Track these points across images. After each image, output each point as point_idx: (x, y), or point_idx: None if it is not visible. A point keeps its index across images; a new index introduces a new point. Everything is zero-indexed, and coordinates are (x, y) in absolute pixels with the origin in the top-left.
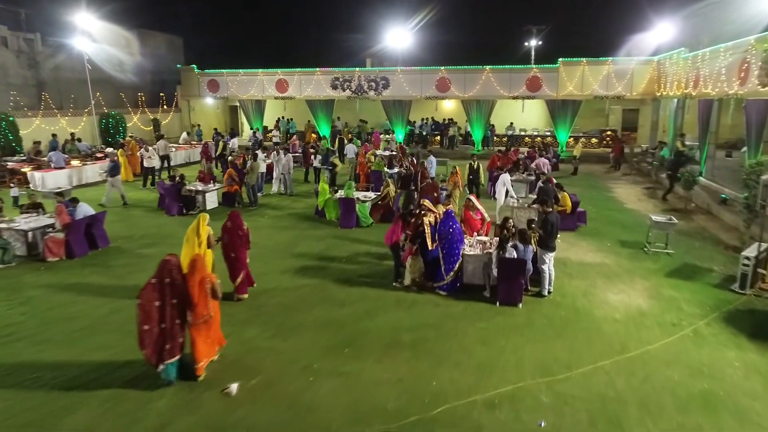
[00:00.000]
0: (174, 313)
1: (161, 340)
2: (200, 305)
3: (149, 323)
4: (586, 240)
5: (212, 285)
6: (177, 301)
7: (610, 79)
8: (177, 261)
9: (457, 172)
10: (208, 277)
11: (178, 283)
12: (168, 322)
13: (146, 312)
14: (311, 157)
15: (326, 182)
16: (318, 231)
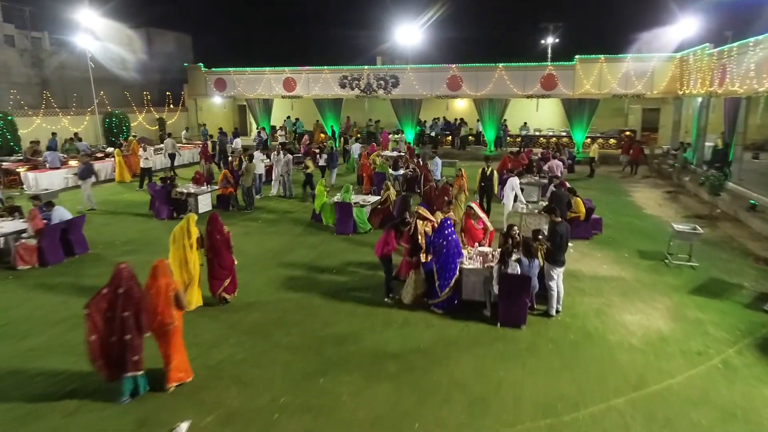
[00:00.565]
0: (126, 325)
1: (113, 354)
2: (163, 314)
3: (96, 334)
4: (602, 250)
5: (176, 293)
6: (130, 314)
7: (630, 76)
8: (130, 270)
9: (462, 175)
10: (172, 284)
11: (132, 293)
12: (117, 334)
13: (94, 322)
14: (316, 158)
15: (323, 185)
16: (312, 237)
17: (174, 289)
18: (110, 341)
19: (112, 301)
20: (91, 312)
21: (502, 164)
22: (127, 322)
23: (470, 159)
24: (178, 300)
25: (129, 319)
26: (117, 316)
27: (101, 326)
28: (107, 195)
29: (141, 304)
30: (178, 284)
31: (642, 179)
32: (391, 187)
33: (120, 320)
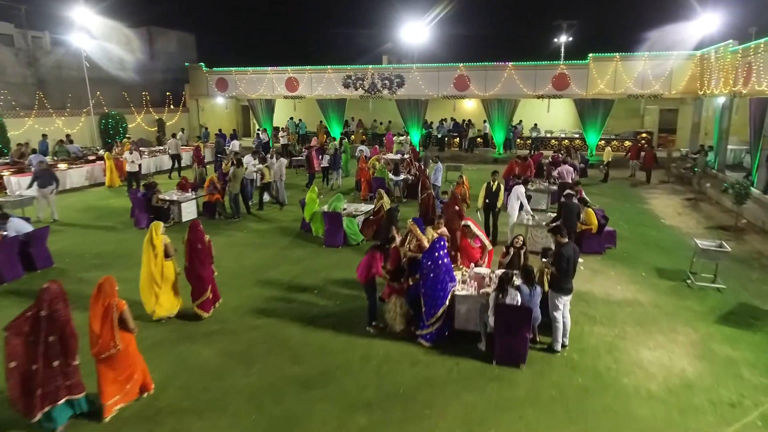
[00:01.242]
0: (51, 352)
1: (34, 383)
2: (104, 336)
3: (16, 360)
4: (616, 267)
5: (120, 313)
6: (56, 338)
7: (646, 76)
8: (59, 290)
9: (463, 182)
10: (116, 303)
11: (57, 316)
12: (41, 361)
13: (13, 347)
14: (317, 161)
15: (316, 192)
16: (298, 250)
17: (119, 310)
18: (32, 369)
19: (35, 325)
20: (9, 336)
21: (509, 170)
22: (52, 347)
23: (478, 162)
24: (123, 322)
25: (55, 345)
26: (41, 341)
27: (22, 352)
28: (93, 200)
29: (67, 328)
30: (123, 304)
31: (659, 184)
32: (385, 195)
33: (45, 345)
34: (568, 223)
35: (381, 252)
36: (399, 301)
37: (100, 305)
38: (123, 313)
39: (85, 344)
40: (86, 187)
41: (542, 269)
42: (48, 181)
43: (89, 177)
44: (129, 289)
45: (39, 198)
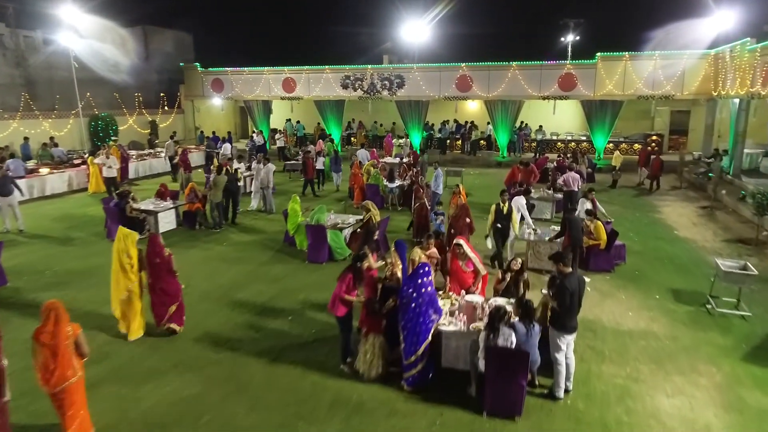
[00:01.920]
0: None
1: None
2: (63, 367)
3: None
4: (626, 288)
5: (75, 338)
6: None
7: (657, 76)
8: None
9: (460, 192)
10: (72, 329)
11: None
12: None
13: None
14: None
15: (299, 202)
16: (278, 267)
17: (74, 335)
18: None
19: None
20: None
21: (510, 176)
22: None
23: (481, 165)
24: (78, 346)
25: None
26: None
27: None
28: (71, 208)
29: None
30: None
31: (671, 191)
32: (373, 207)
33: None
34: (574, 238)
35: (354, 275)
36: (376, 341)
37: (56, 332)
38: (78, 336)
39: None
40: (68, 194)
41: (545, 302)
42: (7, 189)
43: (72, 183)
44: (82, 314)
45: (3, 207)
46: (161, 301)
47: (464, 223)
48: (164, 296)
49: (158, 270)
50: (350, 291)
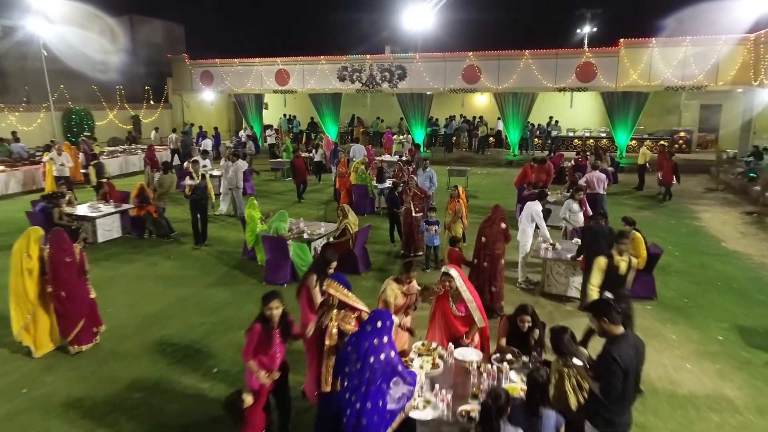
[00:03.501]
0: None
1: None
2: None
3: None
4: (675, 323)
5: None
6: None
7: (688, 64)
8: None
9: (459, 195)
10: None
11: None
12: None
13: None
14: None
15: (257, 207)
16: (226, 290)
17: None
18: None
19: None
20: None
21: (522, 176)
22: None
23: (489, 164)
24: None
25: None
26: None
27: None
28: (13, 211)
29: None
30: None
31: (706, 194)
32: (350, 213)
33: None
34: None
35: (261, 323)
36: None
37: None
38: None
39: None
40: (21, 194)
41: (558, 369)
42: None
43: (29, 182)
44: None
45: None
46: (68, 311)
47: (499, 229)
48: (71, 306)
49: (67, 273)
50: (247, 348)
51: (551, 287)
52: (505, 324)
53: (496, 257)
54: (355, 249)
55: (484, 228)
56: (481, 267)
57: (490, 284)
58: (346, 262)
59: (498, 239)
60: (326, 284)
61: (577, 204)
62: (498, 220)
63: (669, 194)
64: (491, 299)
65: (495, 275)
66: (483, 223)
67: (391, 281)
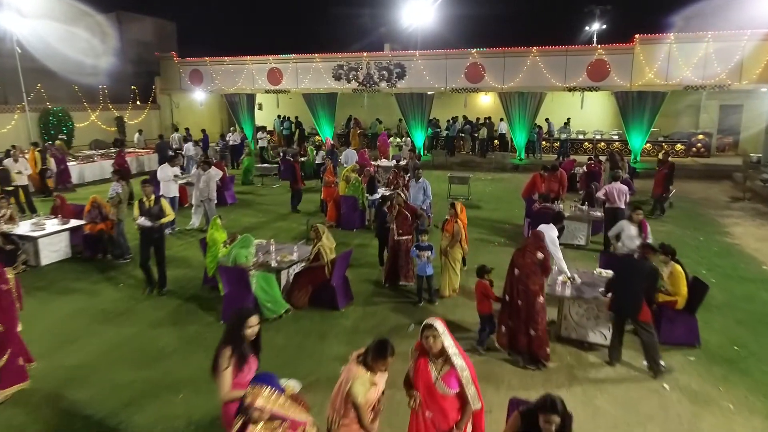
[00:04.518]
0: None
1: None
2: None
3: None
4: (728, 382)
5: None
6: None
7: (710, 61)
8: None
9: (456, 214)
10: None
11: None
12: None
13: None
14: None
15: (221, 228)
16: (175, 330)
17: None
18: None
19: None
20: None
21: (530, 186)
22: None
23: (494, 170)
24: None
25: None
26: None
27: None
28: None
29: None
30: None
31: (733, 203)
32: (324, 233)
33: None
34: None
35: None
36: None
37: None
38: None
39: None
40: None
41: None
42: None
43: None
44: None
45: None
46: None
47: (534, 259)
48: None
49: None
50: None
51: (569, 331)
52: (517, 423)
53: (532, 294)
54: (332, 279)
55: (516, 258)
56: (514, 305)
57: (527, 326)
58: (321, 294)
59: (533, 272)
60: (250, 393)
61: (635, 227)
62: (533, 248)
63: (661, 210)
64: (530, 344)
65: (533, 316)
66: (515, 253)
67: (358, 369)
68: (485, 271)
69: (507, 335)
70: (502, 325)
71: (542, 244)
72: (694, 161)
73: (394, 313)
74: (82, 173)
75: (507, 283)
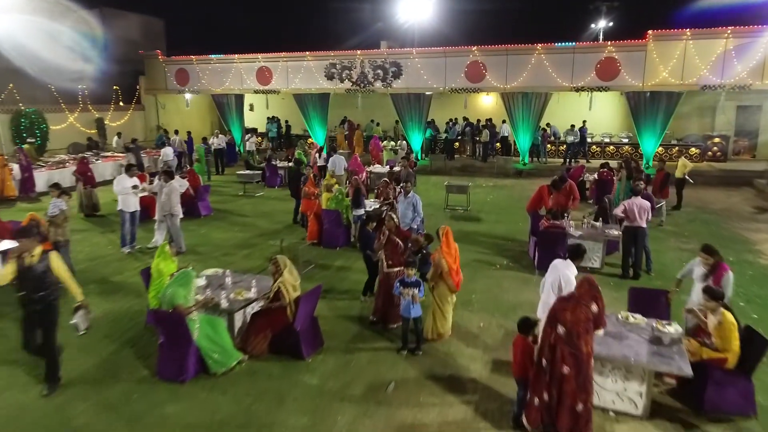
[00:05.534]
0: None
1: None
2: None
3: None
4: None
5: None
6: None
7: (729, 59)
8: None
9: (446, 236)
10: None
11: None
12: None
13: None
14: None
15: (170, 257)
16: (93, 393)
17: None
18: None
19: None
20: None
21: (536, 200)
22: None
23: (496, 175)
24: None
25: None
26: None
27: None
28: None
29: None
30: None
31: (758, 213)
32: (287, 265)
33: None
34: None
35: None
36: None
37: None
38: None
39: None
40: None
41: None
42: None
43: None
44: None
45: None
46: None
47: (587, 314)
48: None
49: None
50: None
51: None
52: None
53: (584, 358)
54: (296, 322)
55: (560, 312)
56: (556, 372)
57: (573, 399)
58: (281, 341)
59: (586, 329)
60: None
61: (704, 265)
62: (588, 298)
63: None
64: (572, 423)
65: (584, 386)
66: (560, 303)
67: None
68: (529, 325)
69: (541, 411)
70: (535, 397)
71: (598, 294)
72: (711, 166)
73: (372, 366)
74: (50, 180)
75: (544, 343)
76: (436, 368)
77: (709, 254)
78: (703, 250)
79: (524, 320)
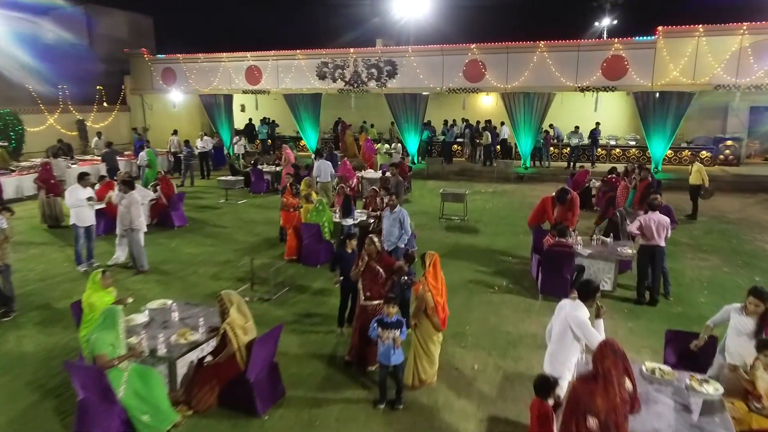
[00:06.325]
0: None
1: None
2: None
3: None
4: None
5: None
6: None
7: (744, 58)
8: None
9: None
10: None
11: None
12: None
13: None
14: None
15: (100, 285)
16: None
17: None
18: None
19: None
20: None
21: (539, 212)
22: None
23: (496, 180)
24: None
25: None
26: None
27: None
28: None
29: None
30: None
31: None
32: (234, 304)
33: None
34: None
35: None
36: None
37: None
38: None
39: None
40: None
41: None
42: None
43: None
44: None
45: None
46: None
47: (623, 396)
48: None
49: None
50: None
51: None
52: None
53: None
54: (248, 372)
55: (590, 395)
56: None
57: None
58: (231, 393)
59: (625, 416)
60: None
61: (753, 321)
62: (619, 376)
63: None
64: None
65: None
66: (584, 386)
67: None
68: (549, 387)
69: None
70: None
71: (628, 364)
72: (723, 171)
73: (341, 425)
74: (20, 187)
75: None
76: (419, 429)
77: (761, 300)
78: (753, 294)
79: (542, 381)
